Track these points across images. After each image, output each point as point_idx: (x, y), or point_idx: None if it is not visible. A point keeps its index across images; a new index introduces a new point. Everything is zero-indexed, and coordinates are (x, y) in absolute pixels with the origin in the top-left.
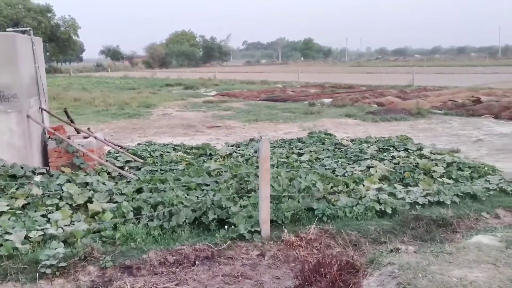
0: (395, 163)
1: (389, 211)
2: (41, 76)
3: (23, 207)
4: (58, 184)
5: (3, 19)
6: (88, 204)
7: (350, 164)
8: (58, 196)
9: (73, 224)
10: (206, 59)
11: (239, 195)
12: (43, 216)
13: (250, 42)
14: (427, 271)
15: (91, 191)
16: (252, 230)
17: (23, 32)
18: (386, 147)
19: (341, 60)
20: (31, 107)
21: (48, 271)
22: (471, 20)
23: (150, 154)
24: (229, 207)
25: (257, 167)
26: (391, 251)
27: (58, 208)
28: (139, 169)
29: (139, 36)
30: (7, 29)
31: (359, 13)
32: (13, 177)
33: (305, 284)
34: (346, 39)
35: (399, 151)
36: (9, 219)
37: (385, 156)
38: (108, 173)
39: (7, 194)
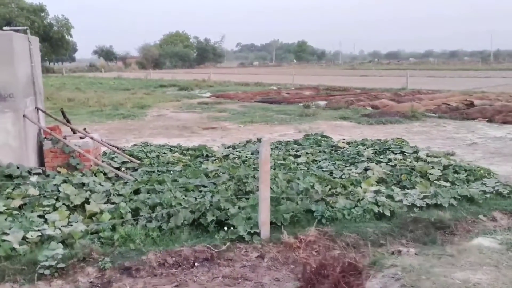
0: (391, 166)
1: (387, 213)
2: (37, 76)
3: (20, 207)
4: (55, 185)
5: None
6: (86, 205)
7: (347, 166)
8: (55, 197)
9: (71, 225)
10: (200, 61)
11: (237, 196)
12: (40, 216)
13: (244, 43)
14: (431, 273)
15: (88, 192)
16: (252, 231)
17: (17, 31)
18: (382, 150)
19: (334, 63)
20: (27, 106)
21: (47, 272)
22: (463, 24)
23: (146, 155)
24: (228, 209)
25: (255, 168)
26: (393, 253)
27: (55, 208)
28: (136, 170)
29: (132, 36)
30: (4, 28)
31: (353, 17)
32: (9, 177)
33: (307, 286)
34: (339, 42)
35: (395, 153)
36: (6, 219)
37: (382, 158)
38: (105, 174)
39: (3, 194)
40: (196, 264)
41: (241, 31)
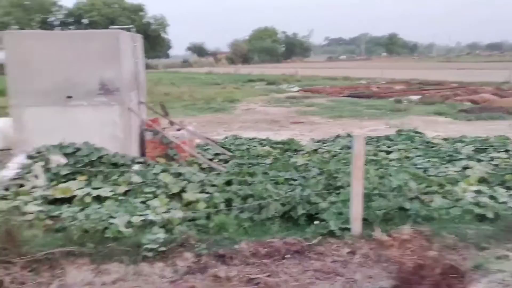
0: (494, 165)
1: (490, 215)
2: (140, 72)
3: (125, 193)
4: (154, 173)
5: (100, 18)
6: (183, 194)
7: (443, 164)
8: (155, 185)
9: (169, 212)
10: (287, 55)
11: (328, 191)
12: (142, 202)
13: (332, 37)
14: None
15: (185, 181)
16: (343, 227)
17: (124, 29)
18: (483, 148)
19: (428, 56)
20: (131, 100)
21: (150, 254)
22: None
23: (237, 148)
24: (318, 203)
25: (345, 163)
26: (499, 258)
27: (155, 196)
28: (227, 161)
29: (223, 33)
30: (110, 27)
31: (448, 7)
32: (115, 165)
33: (403, 286)
34: (433, 34)
35: (499, 152)
36: (113, 204)
37: (483, 157)
38: (199, 165)
39: (110, 181)
40: (286, 256)
41: (330, 25)
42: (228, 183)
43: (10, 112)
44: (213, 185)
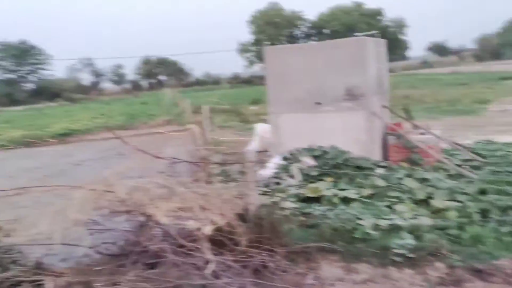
0: None
1: None
2: (384, 76)
3: (369, 196)
4: (398, 178)
5: (341, 26)
6: (430, 200)
7: None
8: (400, 190)
9: (416, 218)
10: None
11: None
12: (387, 206)
13: None
14: None
15: (431, 187)
16: None
17: (368, 36)
18: None
19: None
20: (375, 104)
21: (398, 259)
22: None
23: (491, 154)
24: None
25: None
26: None
27: (400, 200)
28: (479, 168)
29: (468, 28)
30: (355, 34)
31: None
32: (359, 168)
33: None
34: None
35: None
36: (359, 206)
37: None
38: (446, 171)
39: (354, 183)
40: None
41: None
42: (483, 192)
43: (268, 119)
44: (465, 193)
